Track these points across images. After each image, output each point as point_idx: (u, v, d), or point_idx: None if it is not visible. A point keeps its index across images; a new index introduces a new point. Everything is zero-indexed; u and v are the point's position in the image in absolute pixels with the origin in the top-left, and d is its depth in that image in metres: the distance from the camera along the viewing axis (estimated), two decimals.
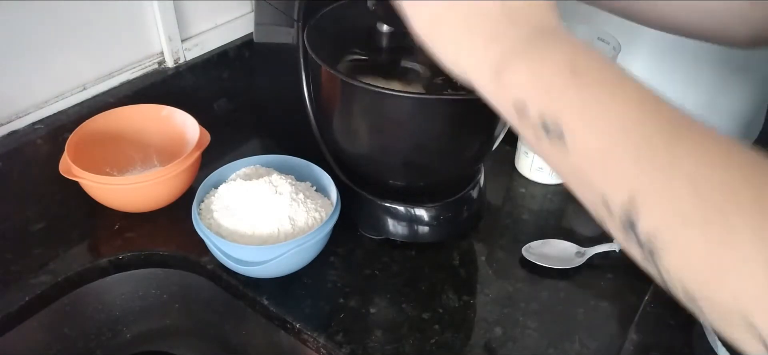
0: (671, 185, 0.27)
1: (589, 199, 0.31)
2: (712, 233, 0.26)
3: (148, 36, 0.77)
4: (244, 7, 0.87)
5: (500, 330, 0.58)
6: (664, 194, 0.27)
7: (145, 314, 0.69)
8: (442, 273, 0.63)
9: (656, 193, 0.28)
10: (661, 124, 0.29)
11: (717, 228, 0.26)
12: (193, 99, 0.78)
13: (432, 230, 0.64)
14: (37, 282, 0.60)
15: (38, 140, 0.67)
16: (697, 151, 0.27)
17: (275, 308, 0.59)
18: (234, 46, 0.85)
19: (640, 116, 0.29)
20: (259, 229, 0.58)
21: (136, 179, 0.64)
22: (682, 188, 0.27)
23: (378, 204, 0.64)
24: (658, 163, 0.28)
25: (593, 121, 0.30)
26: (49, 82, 0.69)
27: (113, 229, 0.67)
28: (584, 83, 0.31)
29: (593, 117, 0.30)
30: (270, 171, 0.65)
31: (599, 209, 0.30)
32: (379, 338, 0.56)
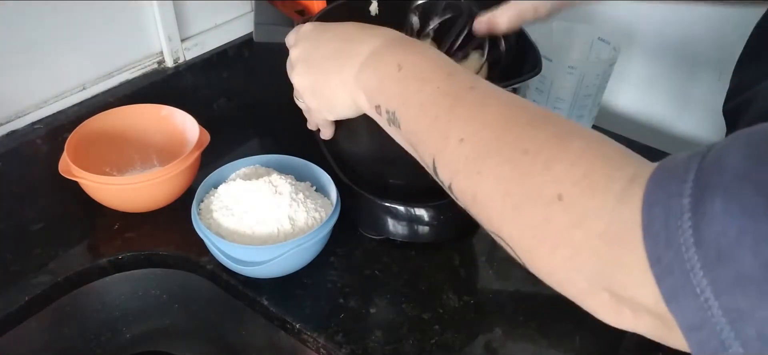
0: (448, 146, 0.37)
1: (423, 164, 0.41)
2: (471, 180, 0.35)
3: (147, 36, 0.77)
4: (244, 7, 0.87)
5: (500, 330, 0.58)
6: (445, 154, 0.37)
7: (145, 314, 0.69)
8: (442, 273, 0.63)
9: (441, 153, 0.37)
10: (445, 102, 0.38)
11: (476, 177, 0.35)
12: (192, 99, 0.78)
13: (432, 229, 0.64)
14: (37, 282, 0.60)
15: (38, 140, 0.67)
16: (468, 116, 0.36)
17: (275, 308, 0.59)
18: (233, 46, 0.85)
19: (435, 98, 0.38)
20: (259, 229, 0.58)
21: (136, 179, 0.63)
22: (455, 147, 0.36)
23: (378, 204, 0.64)
24: (441, 131, 0.37)
25: (408, 108, 0.40)
26: (49, 82, 0.69)
27: (113, 229, 0.67)
28: (405, 76, 0.41)
29: (408, 104, 0.40)
30: (270, 171, 0.65)
31: (429, 170, 0.40)
32: (379, 338, 0.56)
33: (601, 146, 0.31)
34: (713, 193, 0.24)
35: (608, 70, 0.68)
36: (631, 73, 0.85)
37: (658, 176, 0.27)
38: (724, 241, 0.23)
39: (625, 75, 0.85)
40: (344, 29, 0.47)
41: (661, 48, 0.81)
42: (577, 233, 0.29)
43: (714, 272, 0.23)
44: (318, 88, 0.48)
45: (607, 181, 0.29)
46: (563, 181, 0.30)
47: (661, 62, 0.82)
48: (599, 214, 0.29)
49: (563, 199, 0.30)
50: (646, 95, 0.86)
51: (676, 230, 0.24)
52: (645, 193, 0.27)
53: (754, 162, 0.23)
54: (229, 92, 0.87)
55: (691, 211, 0.24)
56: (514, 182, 0.33)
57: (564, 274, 0.31)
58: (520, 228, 0.33)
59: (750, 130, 0.25)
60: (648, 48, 0.82)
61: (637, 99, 0.87)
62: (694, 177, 0.25)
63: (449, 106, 0.38)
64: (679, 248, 0.24)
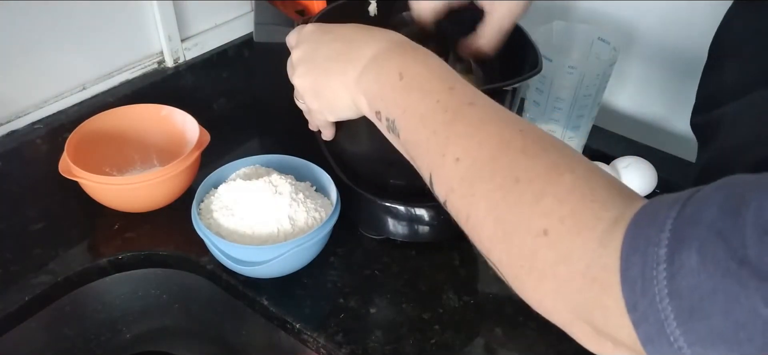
0: (445, 163, 0.37)
1: (420, 173, 0.41)
2: (465, 201, 0.36)
3: (147, 36, 0.77)
4: (244, 7, 0.87)
5: (500, 330, 0.58)
6: (442, 171, 0.37)
7: (145, 314, 0.69)
8: (442, 273, 0.63)
9: (437, 169, 0.38)
10: (444, 117, 0.38)
11: (470, 198, 0.35)
12: (192, 99, 0.78)
13: (432, 229, 0.64)
14: (37, 282, 0.60)
15: (38, 140, 0.67)
16: (465, 134, 0.37)
17: (275, 308, 0.59)
18: (233, 46, 0.85)
19: (435, 111, 0.38)
20: (259, 229, 0.58)
21: (136, 179, 0.63)
22: (451, 166, 0.36)
23: (378, 204, 0.64)
24: (438, 147, 0.38)
25: (408, 118, 0.40)
26: (49, 82, 0.69)
27: (113, 229, 0.67)
28: (406, 86, 0.41)
29: (408, 115, 0.40)
30: (270, 171, 0.65)
31: (425, 181, 0.40)
32: (379, 338, 0.56)
33: (591, 182, 0.32)
34: (689, 246, 0.24)
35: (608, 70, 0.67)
36: (631, 73, 0.85)
37: (638, 222, 0.27)
38: (696, 296, 0.23)
39: (625, 75, 0.85)
40: (347, 31, 0.47)
41: (661, 48, 0.81)
42: (561, 269, 0.30)
43: (686, 324, 0.24)
44: (319, 90, 0.48)
45: (592, 221, 0.29)
46: (550, 216, 0.31)
47: (662, 62, 0.82)
48: (582, 253, 0.29)
49: (549, 234, 0.31)
50: (646, 95, 0.86)
51: (651, 280, 0.25)
52: (624, 238, 0.27)
53: (729, 220, 0.23)
54: (229, 92, 0.87)
55: (666, 262, 0.25)
56: (504, 210, 0.33)
57: (550, 304, 0.32)
58: (510, 256, 0.34)
59: (728, 183, 0.25)
60: (648, 48, 0.82)
61: (637, 99, 0.87)
62: (671, 227, 0.25)
63: (448, 122, 0.38)
64: (654, 298, 0.25)
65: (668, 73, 0.82)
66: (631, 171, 0.73)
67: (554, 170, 0.33)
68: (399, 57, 0.43)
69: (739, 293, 0.22)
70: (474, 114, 0.38)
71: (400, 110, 0.41)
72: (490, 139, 0.36)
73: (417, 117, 0.40)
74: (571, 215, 0.30)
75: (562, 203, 0.31)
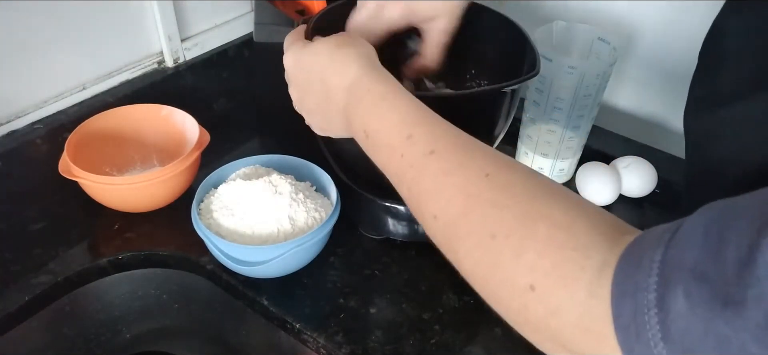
0: (425, 220, 0.38)
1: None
2: (453, 256, 0.37)
3: (147, 36, 0.77)
4: (244, 7, 0.87)
5: (500, 330, 0.58)
6: (426, 226, 0.38)
7: (145, 314, 0.69)
8: (442, 273, 0.63)
9: (423, 224, 0.39)
10: (411, 173, 0.38)
11: (455, 255, 0.36)
12: (192, 99, 0.78)
13: None
14: (37, 282, 0.60)
15: (38, 140, 0.67)
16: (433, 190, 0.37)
17: (275, 308, 0.59)
18: (233, 46, 0.85)
19: (402, 169, 0.39)
20: (259, 229, 0.58)
21: (136, 179, 0.63)
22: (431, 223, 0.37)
23: (378, 204, 0.64)
24: (415, 204, 0.39)
25: (386, 172, 0.41)
26: (49, 82, 0.69)
27: (113, 229, 0.67)
28: (374, 144, 0.41)
29: (385, 169, 0.41)
30: (270, 171, 0.65)
31: None
32: (379, 338, 0.56)
33: (568, 228, 0.31)
34: (675, 290, 0.24)
35: (608, 70, 0.67)
36: (631, 73, 0.85)
37: (624, 268, 0.27)
38: (688, 339, 0.24)
39: (625, 75, 0.85)
40: (312, 75, 0.46)
41: (661, 48, 0.81)
42: (553, 321, 0.30)
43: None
44: (328, 129, 0.49)
45: (577, 271, 0.29)
46: (534, 271, 0.31)
47: (661, 62, 0.82)
48: (571, 306, 0.29)
49: (536, 290, 0.30)
50: (646, 95, 0.86)
51: (644, 325, 0.25)
52: (613, 285, 0.27)
53: (710, 262, 0.23)
54: (229, 92, 0.87)
55: (657, 306, 0.25)
56: (487, 269, 0.33)
57: (549, 348, 0.32)
58: (503, 309, 0.34)
59: (708, 216, 0.25)
60: (648, 48, 0.82)
61: (637, 99, 0.87)
62: (658, 271, 0.25)
63: (416, 178, 0.38)
64: (648, 343, 0.25)
65: (668, 73, 0.82)
66: (631, 171, 0.72)
67: (527, 220, 0.32)
68: (358, 111, 0.43)
69: (729, 334, 0.22)
70: (436, 166, 0.37)
71: (380, 165, 0.41)
72: (456, 194, 0.35)
73: (392, 174, 0.40)
74: (554, 268, 0.30)
75: (542, 257, 0.30)
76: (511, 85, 0.53)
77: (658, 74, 0.83)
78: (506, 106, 0.57)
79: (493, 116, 0.57)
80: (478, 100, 0.56)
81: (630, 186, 0.72)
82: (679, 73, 0.81)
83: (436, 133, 0.38)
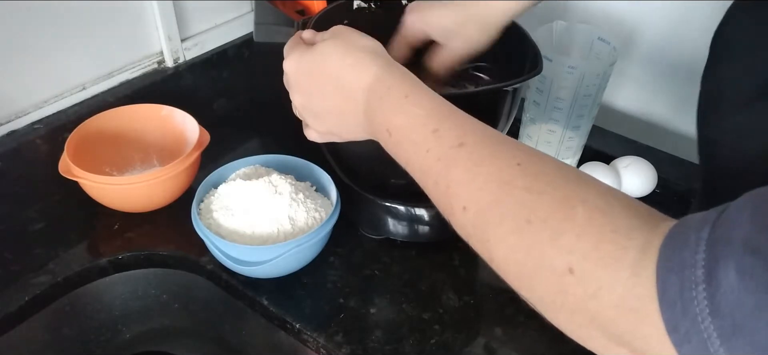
0: (454, 213, 0.37)
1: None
2: (484, 246, 0.36)
3: (147, 36, 0.77)
4: (244, 7, 0.87)
5: (500, 330, 0.58)
6: (454, 220, 0.38)
7: (145, 314, 0.69)
8: (442, 273, 0.63)
9: (450, 217, 0.38)
10: (439, 167, 0.38)
11: (487, 244, 0.35)
12: (192, 99, 0.78)
13: (432, 229, 0.64)
14: (37, 282, 0.60)
15: (38, 140, 0.67)
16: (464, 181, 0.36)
17: (275, 308, 0.59)
18: (233, 46, 0.85)
19: (429, 163, 0.38)
20: (259, 229, 0.58)
21: (136, 179, 0.63)
22: (460, 215, 0.37)
23: (379, 204, 0.64)
24: (443, 197, 0.38)
25: (411, 170, 0.40)
26: (49, 82, 0.69)
27: (113, 229, 0.67)
28: (397, 141, 0.41)
29: (410, 167, 0.40)
30: (270, 171, 0.65)
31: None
32: (379, 338, 0.56)
33: (606, 210, 0.31)
34: (726, 265, 0.24)
35: (608, 70, 0.67)
36: (631, 73, 0.85)
37: (670, 246, 0.27)
38: (739, 313, 0.23)
39: (625, 75, 0.85)
40: (328, 77, 0.45)
41: (661, 48, 0.81)
42: (592, 303, 0.30)
43: (730, 341, 0.24)
44: (336, 133, 0.49)
45: (619, 252, 0.29)
46: (573, 253, 0.30)
47: (662, 62, 0.82)
48: (613, 286, 0.29)
49: (575, 272, 0.30)
50: (646, 95, 0.86)
51: (691, 301, 0.25)
52: (658, 263, 0.27)
53: (762, 236, 0.23)
54: (229, 92, 0.87)
55: (705, 282, 0.25)
56: (523, 254, 0.33)
57: (584, 335, 0.32)
58: (538, 295, 0.33)
59: (754, 198, 0.25)
60: (648, 48, 0.82)
61: (637, 99, 0.87)
62: (705, 247, 0.25)
63: (444, 171, 0.37)
64: (696, 318, 0.25)
65: (668, 73, 0.82)
66: (631, 171, 0.72)
67: (565, 205, 0.32)
68: (380, 109, 0.42)
69: None
70: (466, 157, 0.37)
71: (404, 163, 0.41)
72: (489, 182, 0.35)
73: (417, 170, 0.40)
74: (594, 249, 0.30)
75: (581, 239, 0.30)
76: (513, 84, 0.53)
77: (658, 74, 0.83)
78: (508, 105, 0.57)
79: (494, 116, 0.57)
80: (480, 100, 0.56)
81: (630, 186, 0.72)
82: (680, 73, 0.81)
83: (464, 126, 0.38)
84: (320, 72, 0.45)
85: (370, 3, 0.66)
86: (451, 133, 0.38)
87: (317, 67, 0.46)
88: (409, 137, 0.40)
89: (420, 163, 0.39)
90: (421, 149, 0.39)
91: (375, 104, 0.42)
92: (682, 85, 0.81)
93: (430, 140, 0.38)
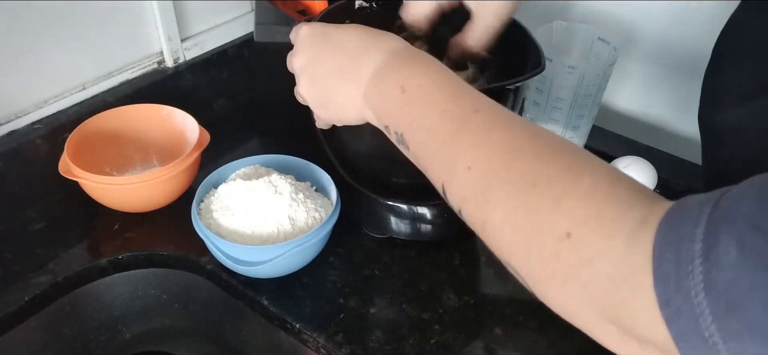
0: (456, 174, 0.37)
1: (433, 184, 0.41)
2: (481, 209, 0.35)
3: (147, 36, 0.77)
4: (244, 7, 0.87)
5: (500, 330, 0.58)
6: (454, 182, 0.37)
7: (145, 314, 0.69)
8: (443, 273, 0.63)
9: (449, 180, 0.38)
10: (451, 127, 0.38)
11: (485, 207, 0.35)
12: (192, 99, 0.78)
13: (435, 228, 0.64)
14: (36, 282, 0.60)
15: (38, 140, 0.67)
16: (474, 142, 0.37)
17: (275, 308, 0.59)
18: (233, 46, 0.85)
19: (440, 122, 0.38)
20: (259, 229, 0.58)
21: (136, 179, 0.63)
22: (463, 176, 0.36)
23: (381, 202, 0.64)
24: (448, 158, 0.38)
25: (414, 133, 0.40)
26: (49, 82, 0.69)
27: (113, 229, 0.67)
28: (409, 100, 0.41)
29: (414, 129, 0.40)
30: (270, 171, 0.65)
31: (439, 192, 0.40)
32: (379, 338, 0.56)
33: (612, 183, 0.31)
34: (727, 240, 0.24)
35: (608, 70, 0.68)
36: (631, 73, 0.85)
37: (670, 219, 0.27)
38: (734, 291, 0.23)
39: (625, 75, 0.85)
40: (345, 39, 0.46)
41: (661, 48, 0.81)
42: (586, 271, 0.30)
43: (723, 319, 0.24)
44: (325, 102, 0.48)
45: (618, 222, 0.29)
46: (573, 218, 0.30)
47: (661, 62, 0.82)
48: (608, 255, 0.29)
49: (572, 237, 0.30)
50: (646, 95, 0.86)
51: (686, 276, 0.25)
52: (656, 235, 0.27)
53: (767, 212, 0.23)
54: (229, 92, 0.87)
55: (702, 256, 0.24)
56: (523, 216, 0.33)
57: (572, 307, 0.32)
58: (530, 261, 0.33)
59: (759, 179, 0.25)
60: (648, 48, 0.82)
61: (637, 99, 0.87)
62: (706, 222, 0.25)
63: (455, 132, 0.38)
64: (689, 293, 0.25)
65: (668, 73, 0.82)
66: (631, 171, 0.72)
67: (572, 173, 0.32)
68: (399, 71, 0.42)
69: None
70: (481, 122, 0.37)
71: (407, 124, 0.41)
72: (500, 146, 0.35)
73: (423, 130, 0.40)
74: (596, 216, 0.30)
75: (584, 205, 0.30)
76: (515, 83, 0.53)
77: (658, 74, 0.83)
78: (509, 104, 0.57)
79: None
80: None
81: None
82: (680, 73, 0.81)
83: (481, 99, 0.39)
84: (339, 34, 0.47)
85: (372, 3, 0.66)
86: (469, 100, 0.39)
87: (337, 32, 0.47)
88: (427, 97, 0.40)
89: (430, 122, 0.39)
90: (435, 109, 0.39)
91: (394, 65, 0.43)
92: (682, 85, 0.81)
93: (448, 102, 0.39)
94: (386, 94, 0.42)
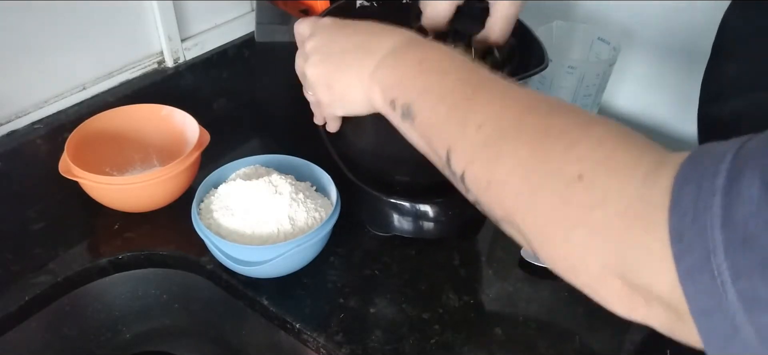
0: (466, 133, 0.37)
1: (434, 158, 0.41)
2: (487, 166, 0.35)
3: (147, 36, 0.77)
4: (244, 7, 0.87)
5: (500, 330, 0.58)
6: (461, 142, 0.37)
7: (145, 314, 0.69)
8: (443, 273, 0.63)
9: (457, 142, 0.37)
10: (465, 91, 0.38)
11: (493, 163, 0.35)
12: (192, 99, 0.78)
13: (437, 226, 0.64)
14: (37, 282, 0.60)
15: (38, 140, 0.67)
16: (488, 101, 0.37)
17: (275, 308, 0.59)
18: (234, 46, 0.85)
19: (455, 87, 0.39)
20: (259, 229, 0.58)
21: (136, 179, 0.63)
22: (473, 134, 0.36)
23: (384, 200, 0.64)
24: (459, 119, 0.37)
25: (426, 98, 0.40)
26: (49, 82, 0.69)
27: (113, 229, 0.67)
28: (426, 70, 0.41)
29: (427, 94, 0.40)
30: (270, 171, 0.65)
31: (440, 163, 0.40)
32: (379, 338, 0.56)
33: (625, 133, 0.31)
34: (752, 176, 0.23)
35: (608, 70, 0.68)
36: (631, 73, 0.85)
37: (693, 158, 0.27)
38: (753, 225, 0.23)
39: (625, 75, 0.85)
40: (366, 25, 0.48)
41: (661, 48, 0.81)
42: (596, 212, 0.29)
43: (736, 255, 0.23)
44: (332, 82, 0.48)
45: (633, 163, 0.29)
46: (585, 160, 0.30)
47: (662, 62, 0.82)
48: (622, 193, 0.28)
49: (584, 179, 0.30)
50: (646, 95, 0.86)
51: (704, 210, 0.24)
52: (678, 173, 0.26)
53: None
54: (229, 92, 0.87)
55: (723, 192, 0.24)
56: (533, 163, 0.33)
57: (577, 258, 0.31)
58: (536, 211, 0.32)
59: None
60: (648, 48, 0.82)
61: (637, 99, 0.87)
62: (731, 159, 0.25)
63: (470, 95, 0.38)
64: (704, 227, 0.24)
65: (668, 73, 0.82)
66: None
67: (585, 124, 0.32)
68: (418, 48, 0.43)
69: None
70: (496, 86, 0.38)
71: (418, 92, 0.41)
72: (515, 103, 0.36)
73: (436, 95, 0.40)
74: (609, 157, 0.30)
75: (597, 147, 0.30)
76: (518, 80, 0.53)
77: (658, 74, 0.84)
78: None
79: None
80: None
81: None
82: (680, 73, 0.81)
83: (497, 75, 0.40)
84: (359, 22, 0.48)
85: (373, 1, 0.66)
86: (485, 72, 0.40)
87: (356, 21, 0.48)
88: (443, 67, 0.41)
89: (443, 89, 0.40)
90: (451, 77, 0.40)
91: (415, 44, 0.44)
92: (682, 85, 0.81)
93: (461, 70, 0.40)
94: (401, 66, 0.43)
